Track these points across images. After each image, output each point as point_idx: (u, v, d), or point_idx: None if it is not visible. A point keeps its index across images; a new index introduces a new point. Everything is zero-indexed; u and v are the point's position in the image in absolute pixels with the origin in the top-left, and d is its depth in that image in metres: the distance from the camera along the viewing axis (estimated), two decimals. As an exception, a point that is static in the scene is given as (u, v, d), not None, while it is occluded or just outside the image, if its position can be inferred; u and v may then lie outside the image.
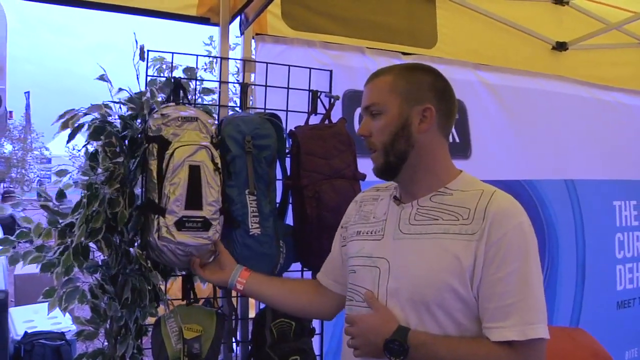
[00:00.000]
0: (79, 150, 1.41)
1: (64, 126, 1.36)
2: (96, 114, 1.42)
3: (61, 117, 1.37)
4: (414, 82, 1.13)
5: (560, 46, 2.73)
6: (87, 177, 1.40)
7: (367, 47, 2.21)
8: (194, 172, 1.38)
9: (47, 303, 1.40)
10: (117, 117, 1.46)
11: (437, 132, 1.13)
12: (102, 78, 1.46)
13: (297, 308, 1.41)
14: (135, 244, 1.47)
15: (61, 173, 1.47)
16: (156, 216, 1.37)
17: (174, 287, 1.80)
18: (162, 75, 1.56)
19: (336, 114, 1.80)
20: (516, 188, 2.55)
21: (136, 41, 1.44)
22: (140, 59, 1.48)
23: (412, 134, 1.11)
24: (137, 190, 1.51)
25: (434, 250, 1.07)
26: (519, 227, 1.04)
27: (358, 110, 2.13)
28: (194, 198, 1.38)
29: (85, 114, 1.40)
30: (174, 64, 1.57)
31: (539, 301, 1.04)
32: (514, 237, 1.03)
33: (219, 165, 1.43)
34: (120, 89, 1.45)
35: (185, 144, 1.39)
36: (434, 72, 1.17)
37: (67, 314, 1.41)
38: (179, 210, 1.37)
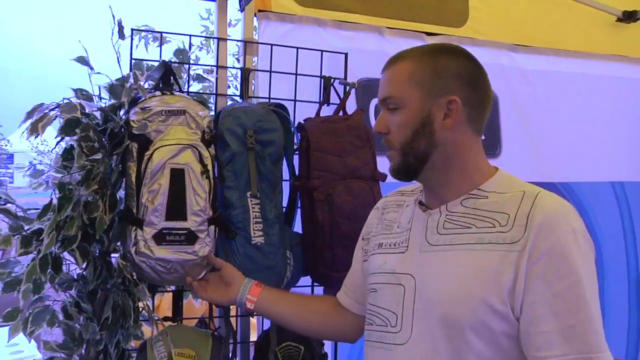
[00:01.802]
0: (47, 146, 1.34)
1: (33, 131, 1.29)
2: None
3: (29, 115, 1.30)
4: (438, 68, 1.07)
5: (629, 16, 2.51)
6: (60, 175, 1.35)
7: (386, 27, 2.14)
8: (177, 177, 1.35)
9: (7, 328, 1.33)
10: (95, 108, 1.39)
11: (466, 127, 1.08)
12: (82, 60, 1.39)
13: (315, 329, 1.39)
14: (119, 254, 1.43)
15: (36, 174, 1.41)
16: (133, 228, 1.34)
17: (162, 304, 1.74)
18: (149, 56, 1.52)
19: (350, 106, 1.77)
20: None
21: (113, 15, 1.38)
22: (119, 37, 1.41)
23: (434, 131, 1.07)
24: (122, 193, 1.46)
25: (466, 262, 1.02)
26: (571, 234, 0.98)
27: (374, 101, 2.09)
28: (176, 207, 1.35)
29: (55, 108, 1.32)
30: (163, 41, 1.53)
31: (598, 323, 0.97)
32: (565, 248, 0.97)
33: (208, 167, 1.39)
34: (93, 74, 1.39)
35: (167, 143, 1.36)
36: (463, 53, 1.11)
37: (32, 340, 1.34)
38: (158, 221, 1.34)
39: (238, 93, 1.71)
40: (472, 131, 1.09)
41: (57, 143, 1.36)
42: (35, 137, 1.31)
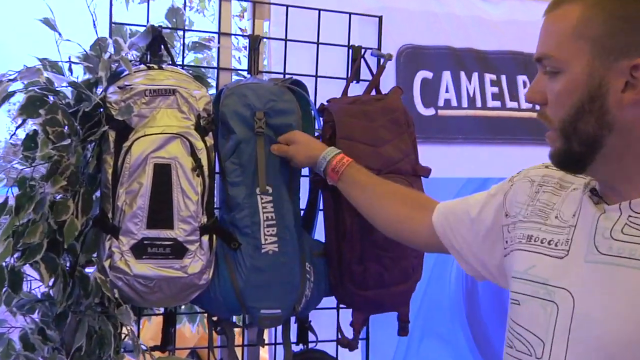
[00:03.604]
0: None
1: None
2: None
3: None
4: (622, 15, 0.90)
5: None
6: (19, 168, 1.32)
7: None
8: (162, 175, 1.33)
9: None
10: (66, 83, 1.35)
11: None
12: (48, 23, 1.34)
13: (391, 217, 1.37)
14: (95, 267, 1.39)
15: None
16: (108, 237, 1.33)
17: (144, 332, 1.79)
18: (132, 20, 1.48)
19: (387, 82, 1.74)
20: None
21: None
22: None
23: (608, 109, 0.91)
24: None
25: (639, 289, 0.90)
26: None
27: (419, 75, 2.03)
28: (160, 212, 1.33)
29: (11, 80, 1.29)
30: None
31: None
32: None
33: (202, 161, 1.37)
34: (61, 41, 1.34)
35: (150, 132, 1.33)
36: None
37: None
38: (137, 229, 1.32)
39: (245, 67, 1.68)
40: None
41: (17, 127, 1.32)
42: None
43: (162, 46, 1.47)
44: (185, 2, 1.56)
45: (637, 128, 0.92)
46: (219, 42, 1.66)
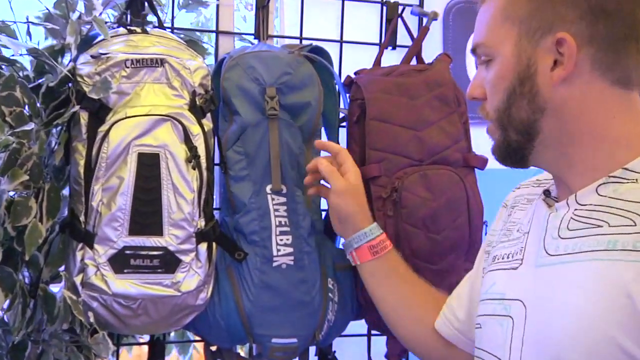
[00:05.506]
0: None
1: None
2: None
3: None
4: None
5: None
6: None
7: None
8: (148, 167, 1.33)
9: None
10: (25, 50, 1.36)
11: (592, 77, 1.03)
12: None
13: (412, 344, 1.44)
14: (63, 283, 1.39)
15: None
16: (79, 245, 1.33)
17: None
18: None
19: (432, 48, 1.75)
20: None
21: None
22: None
23: (538, 89, 1.04)
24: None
25: (587, 280, 0.99)
26: None
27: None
28: (146, 214, 1.33)
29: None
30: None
31: None
32: None
33: (199, 150, 1.36)
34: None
35: (133, 113, 1.33)
36: None
37: None
38: (117, 236, 1.32)
39: (251, 30, 1.69)
40: (607, 82, 1.03)
41: None
42: None
43: (146, 3, 1.47)
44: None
45: (569, 108, 1.04)
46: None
